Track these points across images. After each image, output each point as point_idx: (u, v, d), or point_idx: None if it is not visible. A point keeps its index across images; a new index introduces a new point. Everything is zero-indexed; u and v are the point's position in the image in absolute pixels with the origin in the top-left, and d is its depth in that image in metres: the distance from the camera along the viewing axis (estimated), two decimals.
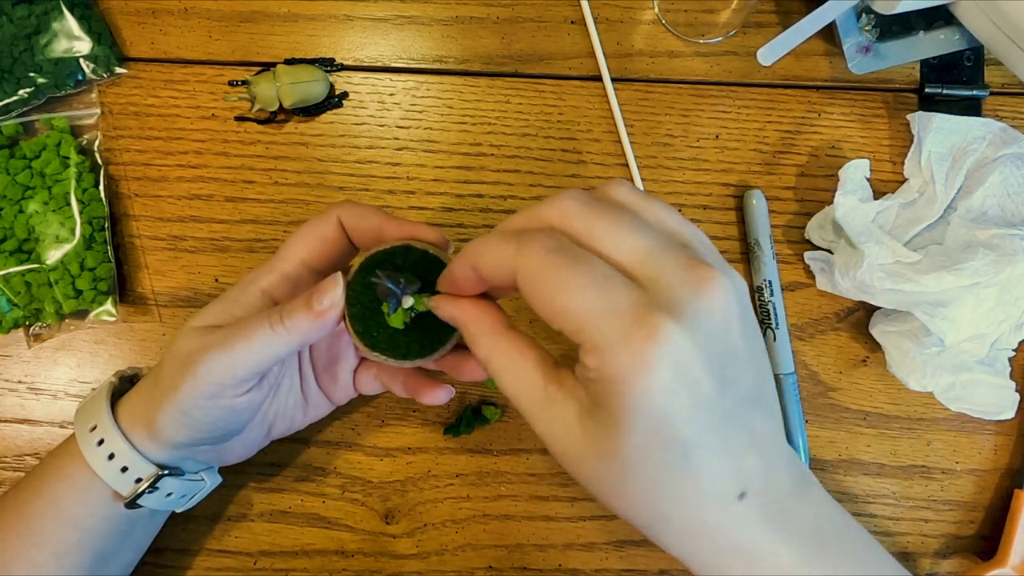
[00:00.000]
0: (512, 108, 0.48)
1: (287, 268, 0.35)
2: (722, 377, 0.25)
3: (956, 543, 0.46)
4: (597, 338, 0.24)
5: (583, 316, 0.25)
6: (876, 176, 0.48)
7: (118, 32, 0.47)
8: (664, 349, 0.23)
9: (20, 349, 0.45)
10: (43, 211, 0.44)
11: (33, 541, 0.36)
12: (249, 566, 0.44)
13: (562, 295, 0.25)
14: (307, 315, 0.31)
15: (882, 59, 0.46)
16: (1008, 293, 0.42)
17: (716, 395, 0.24)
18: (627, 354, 0.24)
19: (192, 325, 0.34)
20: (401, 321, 0.32)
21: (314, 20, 0.47)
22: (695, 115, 0.48)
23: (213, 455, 0.38)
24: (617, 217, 0.26)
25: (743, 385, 0.26)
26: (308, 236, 0.35)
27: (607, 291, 0.25)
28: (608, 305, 0.24)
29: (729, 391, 0.25)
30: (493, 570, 0.45)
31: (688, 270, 0.25)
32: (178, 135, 0.47)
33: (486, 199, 0.47)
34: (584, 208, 0.27)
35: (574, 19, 0.48)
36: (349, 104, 0.47)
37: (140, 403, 0.36)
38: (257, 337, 0.32)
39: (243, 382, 0.33)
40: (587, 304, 0.25)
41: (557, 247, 0.26)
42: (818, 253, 0.46)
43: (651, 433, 0.24)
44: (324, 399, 0.41)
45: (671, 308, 0.24)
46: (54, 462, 0.37)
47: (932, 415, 0.46)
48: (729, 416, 0.25)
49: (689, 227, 0.28)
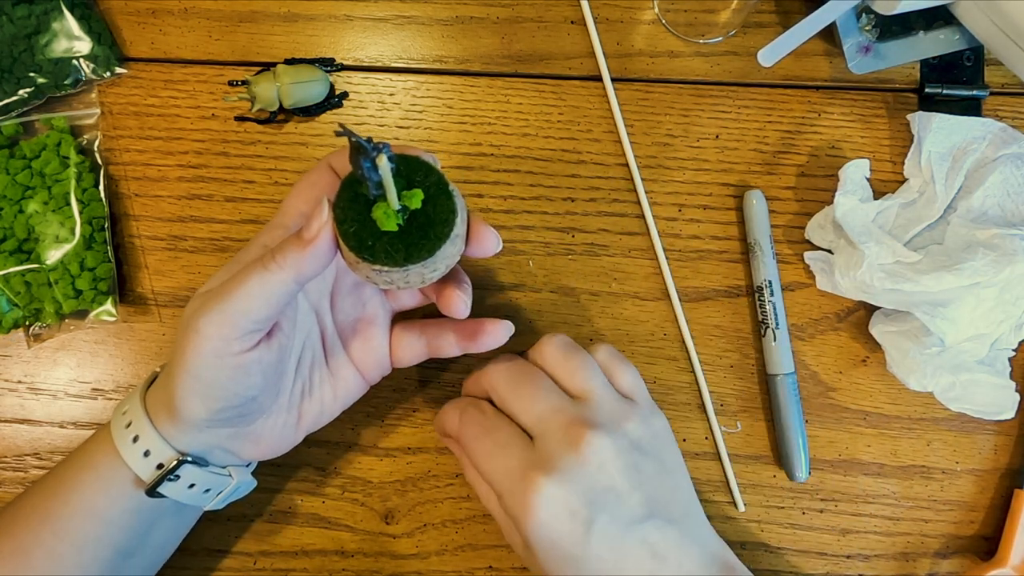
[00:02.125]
0: (512, 108, 0.48)
1: (288, 222, 0.35)
2: (602, 505, 0.34)
3: (956, 543, 0.46)
4: (499, 489, 0.35)
5: (491, 475, 0.36)
6: (876, 176, 0.48)
7: (118, 32, 0.47)
8: (538, 497, 0.33)
9: (20, 349, 0.45)
10: (43, 211, 0.44)
11: (53, 529, 0.35)
12: (249, 566, 0.44)
13: (481, 460, 0.36)
14: (297, 245, 0.31)
15: (882, 59, 0.46)
16: (1008, 293, 0.42)
17: (597, 520, 0.33)
18: (515, 502, 0.34)
19: (198, 292, 0.34)
20: (393, 222, 0.30)
21: (314, 20, 0.47)
22: (695, 115, 0.48)
23: (240, 444, 0.37)
24: (530, 384, 0.37)
25: (628, 508, 0.34)
26: (303, 188, 0.35)
27: (505, 455, 0.35)
28: (504, 466, 0.35)
29: (613, 516, 0.34)
30: (493, 570, 0.45)
31: (566, 431, 0.35)
32: (178, 135, 0.47)
33: (486, 199, 0.47)
34: (506, 377, 0.38)
35: (574, 19, 0.48)
36: (349, 104, 0.47)
37: (161, 385, 0.36)
38: (251, 280, 0.31)
39: (247, 333, 0.32)
40: (492, 465, 0.36)
41: (479, 420, 0.37)
42: (818, 253, 0.46)
43: (549, 553, 0.34)
44: (355, 373, 0.39)
45: (547, 465, 0.34)
46: (83, 450, 0.37)
47: (932, 415, 0.46)
48: (619, 535, 0.34)
49: (598, 381, 0.38)
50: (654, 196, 0.47)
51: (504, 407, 0.38)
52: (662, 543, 0.34)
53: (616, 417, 0.36)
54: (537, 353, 0.39)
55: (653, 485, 0.35)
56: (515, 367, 0.38)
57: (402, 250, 0.30)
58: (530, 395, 0.37)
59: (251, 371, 0.33)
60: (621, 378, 0.39)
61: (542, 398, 0.36)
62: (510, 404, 0.37)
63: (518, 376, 0.38)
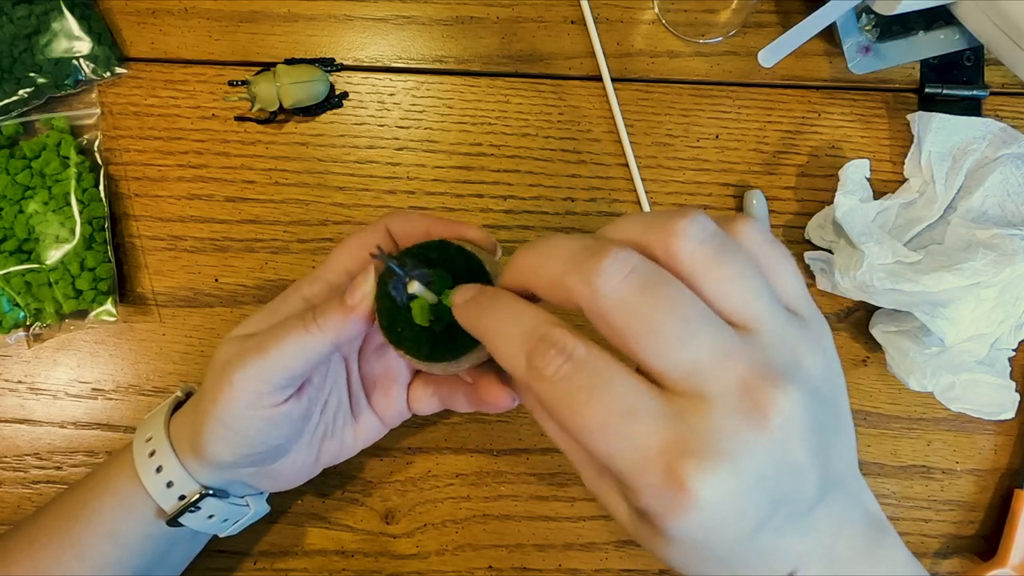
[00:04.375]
0: (512, 108, 0.48)
1: (331, 277, 0.34)
2: (778, 498, 0.23)
3: (956, 543, 0.46)
4: (624, 477, 0.22)
5: (608, 456, 0.22)
6: (876, 176, 0.48)
7: (118, 32, 0.47)
8: (697, 499, 0.21)
9: (20, 349, 0.45)
10: (43, 211, 0.44)
11: (75, 552, 0.36)
12: (249, 566, 0.44)
13: (587, 433, 0.22)
14: (339, 310, 0.30)
15: (882, 59, 0.46)
16: (1008, 293, 0.42)
17: (766, 517, 0.23)
18: (654, 499, 0.22)
19: (232, 335, 0.33)
20: (425, 318, 0.30)
21: (314, 20, 0.47)
22: (695, 115, 0.48)
23: (260, 479, 0.37)
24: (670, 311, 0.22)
25: (804, 494, 0.24)
26: (353, 246, 0.34)
27: (631, 428, 0.22)
28: (631, 446, 0.22)
29: (789, 510, 0.23)
30: (493, 570, 0.45)
31: (744, 391, 0.22)
32: (178, 135, 0.47)
33: (486, 199, 0.47)
34: (627, 299, 0.22)
35: (574, 19, 0.48)
36: (349, 104, 0.47)
37: (187, 420, 0.36)
38: (290, 339, 0.31)
39: (280, 389, 0.32)
40: (609, 443, 0.22)
41: (573, 367, 0.23)
42: (818, 253, 0.46)
43: (691, 554, 0.23)
44: (376, 420, 0.39)
45: (709, 447, 0.22)
46: (104, 472, 0.37)
47: (932, 415, 0.46)
48: (789, 529, 0.24)
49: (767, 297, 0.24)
50: (654, 196, 0.47)
51: (623, 344, 0.23)
52: (826, 522, 0.25)
53: (795, 354, 0.24)
54: (661, 244, 0.24)
55: (829, 449, 0.25)
56: (639, 280, 0.23)
57: (427, 347, 0.30)
58: (676, 332, 0.22)
59: (280, 423, 0.33)
60: (782, 280, 0.25)
61: (694, 334, 0.22)
62: (637, 342, 0.22)
63: (649, 297, 0.22)
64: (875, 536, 0.26)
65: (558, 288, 0.24)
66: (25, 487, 0.45)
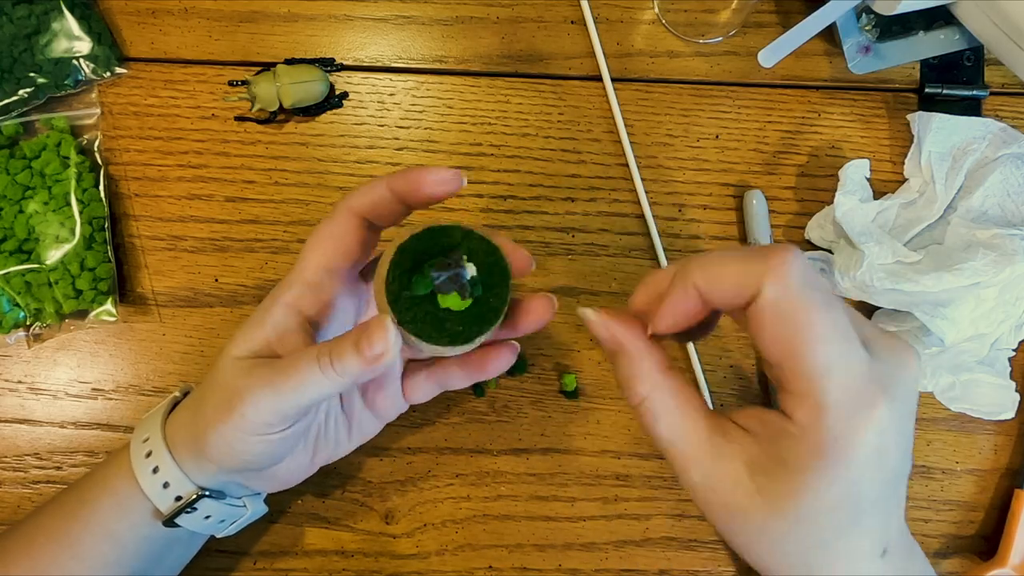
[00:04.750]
0: (512, 108, 0.48)
1: (307, 276, 0.34)
2: (904, 450, 0.26)
3: (956, 543, 0.46)
4: (825, 398, 0.24)
5: (821, 370, 0.24)
6: (876, 176, 0.48)
7: (118, 32, 0.47)
8: (874, 425, 0.24)
9: (20, 349, 0.45)
10: (43, 211, 0.44)
11: (73, 552, 0.36)
12: (248, 566, 0.44)
13: (807, 342, 0.24)
14: (358, 360, 0.30)
15: (882, 59, 0.46)
16: (1008, 293, 0.42)
17: (896, 466, 0.25)
18: (845, 423, 0.24)
19: (232, 355, 0.33)
20: (461, 305, 0.30)
21: (314, 20, 0.47)
22: (695, 115, 0.48)
23: (256, 480, 0.38)
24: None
25: (908, 455, 0.26)
26: (320, 239, 0.34)
27: (848, 351, 0.25)
28: (846, 368, 0.24)
29: (903, 463, 0.26)
30: (493, 570, 0.45)
31: (894, 339, 0.26)
32: (178, 135, 0.47)
33: (486, 199, 0.47)
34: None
35: (574, 19, 0.48)
36: (349, 104, 0.47)
37: (185, 422, 0.36)
38: (306, 380, 0.31)
39: (289, 419, 0.32)
40: (829, 359, 0.24)
41: (810, 283, 0.25)
42: (818, 253, 0.46)
43: (838, 497, 0.25)
44: (370, 417, 0.39)
45: (884, 381, 0.25)
46: (102, 472, 0.37)
47: (932, 415, 0.46)
48: (894, 483, 0.26)
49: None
50: (654, 196, 0.47)
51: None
52: (904, 499, 0.28)
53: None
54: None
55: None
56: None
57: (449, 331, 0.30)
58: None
59: (281, 446, 0.34)
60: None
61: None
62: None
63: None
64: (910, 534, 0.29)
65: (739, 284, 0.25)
66: (25, 487, 0.45)
